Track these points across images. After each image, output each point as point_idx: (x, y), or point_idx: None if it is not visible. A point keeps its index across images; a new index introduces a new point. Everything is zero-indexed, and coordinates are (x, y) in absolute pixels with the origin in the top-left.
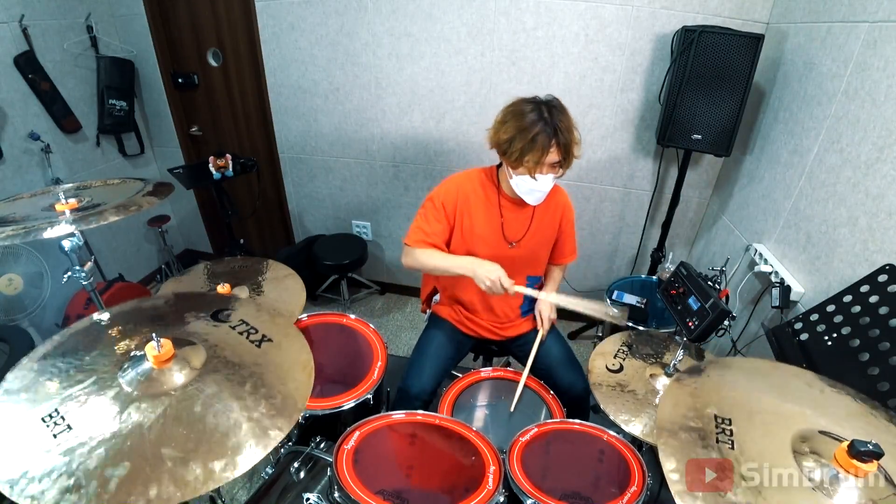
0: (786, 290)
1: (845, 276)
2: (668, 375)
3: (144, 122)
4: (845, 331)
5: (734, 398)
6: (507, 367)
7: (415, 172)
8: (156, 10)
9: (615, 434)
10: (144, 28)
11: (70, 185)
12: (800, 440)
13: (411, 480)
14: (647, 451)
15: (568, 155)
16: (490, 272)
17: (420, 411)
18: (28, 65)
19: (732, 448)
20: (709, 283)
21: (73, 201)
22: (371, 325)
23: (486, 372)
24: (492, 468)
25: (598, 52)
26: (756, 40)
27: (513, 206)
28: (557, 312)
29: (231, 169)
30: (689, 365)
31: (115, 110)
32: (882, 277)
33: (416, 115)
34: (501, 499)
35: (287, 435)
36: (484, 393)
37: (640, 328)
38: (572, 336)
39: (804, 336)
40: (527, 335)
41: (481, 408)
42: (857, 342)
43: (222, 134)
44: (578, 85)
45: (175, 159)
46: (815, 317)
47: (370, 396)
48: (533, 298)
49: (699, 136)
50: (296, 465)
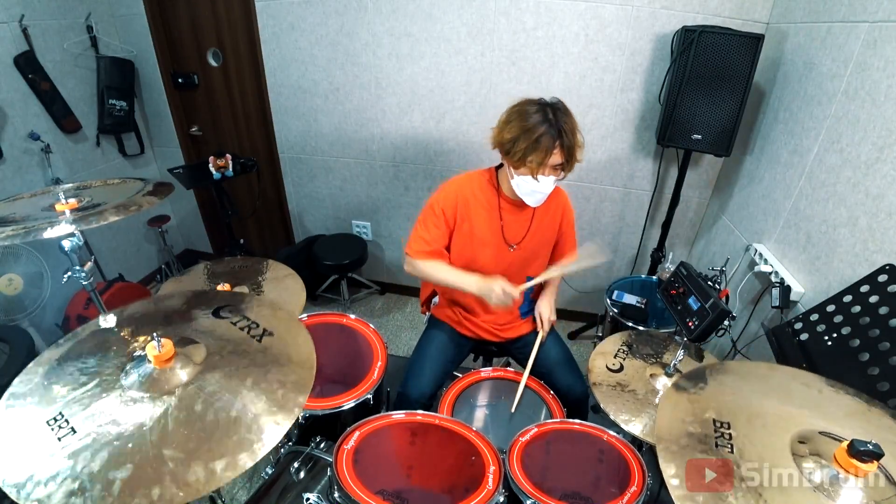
0: (786, 290)
1: (845, 276)
2: (668, 375)
3: (144, 122)
4: (845, 331)
5: (732, 402)
6: (507, 368)
7: (415, 172)
8: (156, 10)
9: (615, 434)
10: (144, 28)
11: (70, 185)
12: (799, 441)
13: (411, 480)
14: (647, 451)
15: (571, 157)
16: (494, 288)
17: (420, 411)
18: (28, 65)
19: (732, 452)
20: (709, 283)
21: (73, 201)
22: (371, 325)
23: (486, 372)
24: (492, 468)
25: (598, 52)
26: (756, 40)
27: (512, 209)
28: (557, 313)
29: (231, 169)
30: (688, 366)
31: (115, 110)
32: (882, 277)
33: (416, 115)
34: (501, 499)
35: (287, 435)
36: (484, 393)
37: (640, 328)
38: (572, 336)
39: (804, 336)
40: (526, 337)
41: (481, 408)
42: (857, 342)
43: (222, 134)
44: (578, 85)
45: (175, 159)
46: (815, 317)
47: (370, 396)
48: (533, 300)
49: (699, 136)
50: (296, 465)
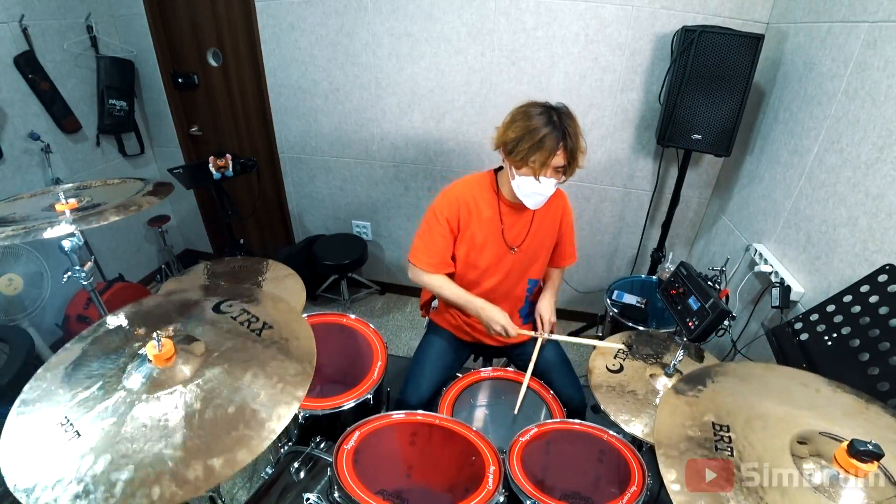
0: (786, 290)
1: (845, 276)
2: (668, 375)
3: (144, 122)
4: (845, 331)
5: (731, 404)
6: (507, 367)
7: (415, 172)
8: (156, 10)
9: (615, 434)
10: (144, 28)
11: (70, 185)
12: (799, 442)
13: (411, 480)
14: (647, 451)
15: (573, 160)
16: (494, 322)
17: (420, 411)
18: (28, 65)
19: (732, 455)
20: (709, 283)
21: (73, 201)
22: (371, 325)
23: (486, 372)
24: (492, 468)
25: (598, 52)
26: (756, 40)
27: (512, 212)
28: (557, 313)
29: (231, 169)
30: (688, 367)
31: (115, 110)
32: (882, 277)
33: (416, 115)
34: (501, 499)
35: (287, 435)
36: (484, 393)
37: (640, 328)
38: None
39: (804, 336)
40: (526, 344)
41: (481, 408)
42: (857, 342)
43: (222, 134)
44: (578, 85)
45: (175, 159)
46: (815, 317)
47: (370, 396)
48: (532, 304)
49: (699, 136)
50: (296, 465)
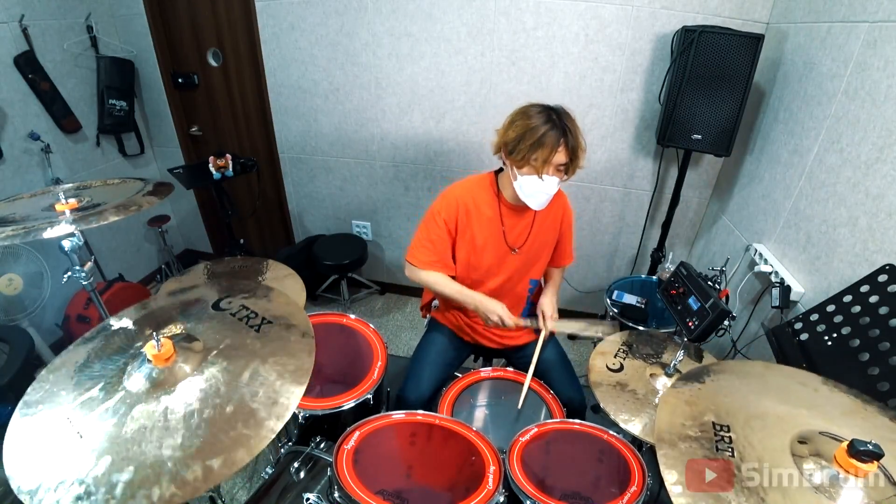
0: (786, 290)
1: (845, 276)
2: (668, 375)
3: (144, 122)
4: (845, 331)
5: (730, 404)
6: (507, 368)
7: (415, 172)
8: (156, 10)
9: (615, 434)
10: (144, 28)
11: (70, 185)
12: (799, 442)
13: (411, 480)
14: (647, 451)
15: (575, 158)
16: (492, 312)
17: (420, 411)
18: (28, 65)
19: (732, 455)
20: (709, 283)
21: (73, 201)
22: (371, 325)
23: (486, 372)
24: (492, 468)
25: (598, 52)
26: (756, 40)
27: (513, 213)
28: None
29: (231, 169)
30: (688, 367)
31: (115, 110)
32: (882, 277)
33: (416, 115)
34: (501, 499)
35: (287, 435)
36: (484, 393)
37: (640, 328)
38: (572, 336)
39: (804, 336)
40: (526, 347)
41: (481, 408)
42: (857, 342)
43: (222, 134)
44: (578, 85)
45: (175, 159)
46: (815, 317)
47: (370, 396)
48: (533, 304)
49: (699, 136)
50: (296, 465)
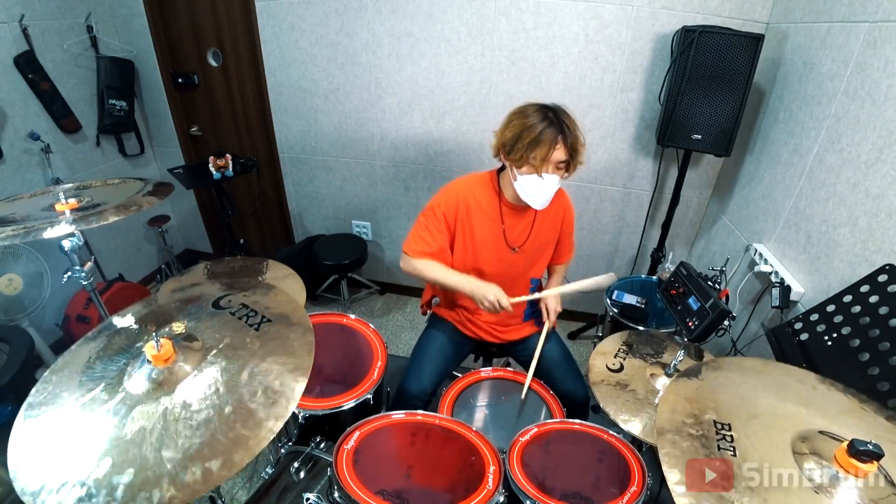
0: (786, 290)
1: (845, 276)
2: (668, 375)
3: (144, 122)
4: (845, 331)
5: (731, 401)
6: (507, 368)
7: (415, 172)
8: (156, 10)
9: (615, 434)
10: (144, 28)
11: (70, 185)
12: (800, 440)
13: (411, 480)
14: (647, 451)
15: (574, 154)
16: (487, 294)
17: (420, 411)
18: (28, 65)
19: (735, 455)
20: (709, 283)
21: (73, 201)
22: (371, 325)
23: (486, 372)
24: (492, 468)
25: (598, 52)
26: (756, 40)
27: (514, 213)
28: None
29: (231, 169)
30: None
31: (115, 110)
32: (882, 277)
33: (416, 115)
34: (501, 499)
35: (287, 435)
36: (484, 393)
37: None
38: (572, 336)
39: (804, 336)
40: (527, 340)
41: (481, 408)
42: (857, 342)
43: (222, 134)
44: (578, 85)
45: (175, 159)
46: (815, 317)
47: (370, 396)
48: (535, 301)
49: (699, 136)
50: (296, 465)
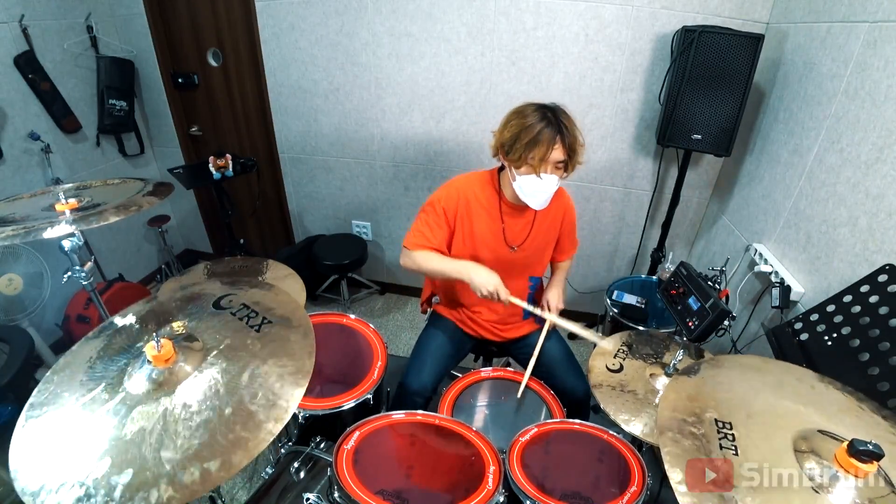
0: (786, 290)
1: (845, 276)
2: (668, 375)
3: (144, 122)
4: (845, 331)
5: (731, 400)
6: (507, 368)
7: (415, 172)
8: (156, 10)
9: (615, 434)
10: (144, 28)
11: (70, 185)
12: (800, 440)
13: (411, 480)
14: (647, 451)
15: (573, 154)
16: (487, 282)
17: (420, 411)
18: (28, 65)
19: (736, 454)
20: (709, 283)
21: (73, 201)
22: (371, 325)
23: (486, 372)
24: (492, 468)
25: (598, 52)
26: (756, 40)
27: (513, 212)
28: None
29: (231, 169)
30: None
31: (115, 110)
32: (882, 277)
33: (416, 115)
34: (501, 499)
35: (287, 435)
36: (484, 393)
37: (640, 328)
38: (572, 336)
39: (804, 336)
40: (527, 338)
41: (481, 408)
42: (857, 342)
43: (222, 134)
44: (578, 85)
45: (175, 159)
46: (815, 317)
47: (370, 396)
48: (535, 299)
49: (699, 136)
50: (296, 465)
